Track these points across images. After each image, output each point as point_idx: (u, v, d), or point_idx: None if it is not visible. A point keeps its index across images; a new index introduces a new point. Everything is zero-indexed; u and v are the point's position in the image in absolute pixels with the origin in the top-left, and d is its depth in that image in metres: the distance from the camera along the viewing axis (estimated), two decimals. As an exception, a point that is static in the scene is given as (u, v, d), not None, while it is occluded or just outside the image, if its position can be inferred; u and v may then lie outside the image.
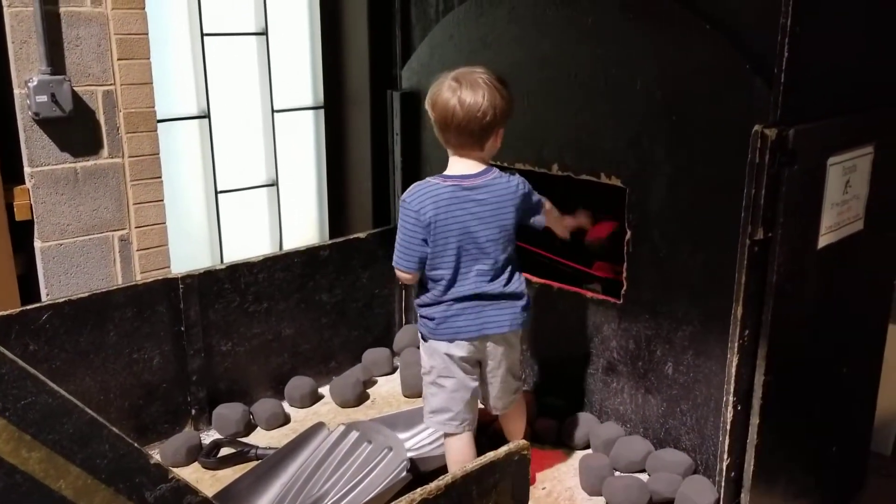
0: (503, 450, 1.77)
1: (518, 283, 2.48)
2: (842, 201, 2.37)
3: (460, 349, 2.44)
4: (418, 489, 1.63)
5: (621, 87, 2.64)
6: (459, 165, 2.41)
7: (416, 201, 2.36)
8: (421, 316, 2.52)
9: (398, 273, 2.48)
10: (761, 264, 2.20)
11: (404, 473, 2.57)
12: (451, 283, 2.41)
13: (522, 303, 2.49)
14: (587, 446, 2.89)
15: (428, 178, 2.43)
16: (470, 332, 2.43)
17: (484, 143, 2.37)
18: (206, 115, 3.82)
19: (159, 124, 3.41)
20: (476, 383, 2.51)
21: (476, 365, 2.51)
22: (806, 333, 2.41)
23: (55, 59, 3.05)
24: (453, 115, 2.29)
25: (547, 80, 2.84)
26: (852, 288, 2.56)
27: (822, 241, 2.34)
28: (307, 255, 3.28)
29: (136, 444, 1.29)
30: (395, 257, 2.45)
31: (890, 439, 3.33)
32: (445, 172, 2.44)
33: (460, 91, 2.28)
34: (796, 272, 2.25)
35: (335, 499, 2.54)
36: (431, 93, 2.37)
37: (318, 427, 2.88)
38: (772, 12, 2.10)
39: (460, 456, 2.52)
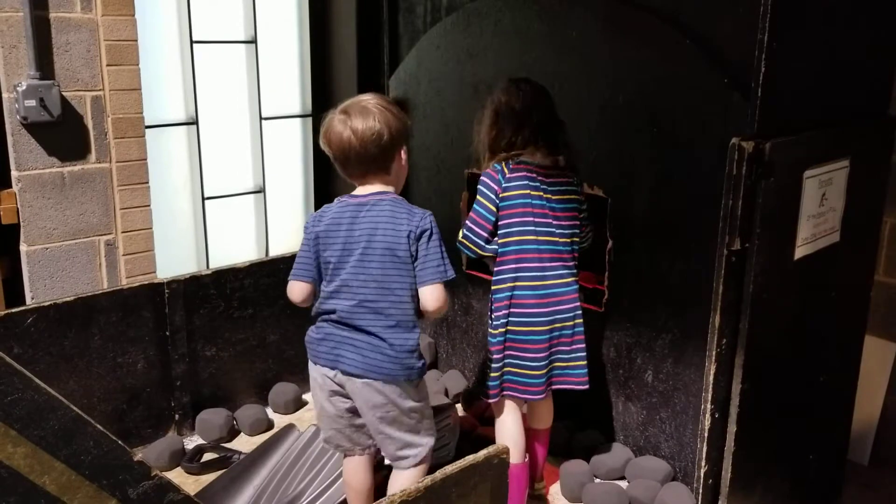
0: (482, 453, 1.79)
1: (393, 331, 2.19)
2: (818, 213, 2.40)
3: (320, 376, 2.28)
4: (398, 491, 1.65)
5: (604, 99, 2.68)
6: (361, 190, 2.30)
7: (309, 219, 2.33)
8: None
9: None
10: (739, 274, 2.24)
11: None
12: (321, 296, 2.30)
13: (392, 353, 2.19)
14: (568, 453, 2.92)
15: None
16: (327, 361, 2.25)
17: (388, 166, 2.26)
18: (195, 122, 3.84)
19: (147, 130, 3.43)
20: (343, 419, 2.30)
21: (347, 399, 2.28)
22: (783, 343, 2.44)
23: (44, 63, 3.06)
24: (349, 144, 2.19)
25: (531, 92, 2.88)
26: (829, 298, 2.59)
27: (799, 253, 2.37)
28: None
29: (119, 442, 1.30)
30: None
31: (867, 449, 3.36)
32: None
33: (351, 120, 2.19)
34: (773, 282, 2.28)
35: (310, 499, 2.56)
36: (323, 130, 2.25)
37: (288, 429, 2.91)
38: (749, 28, 2.15)
39: (345, 478, 2.43)
